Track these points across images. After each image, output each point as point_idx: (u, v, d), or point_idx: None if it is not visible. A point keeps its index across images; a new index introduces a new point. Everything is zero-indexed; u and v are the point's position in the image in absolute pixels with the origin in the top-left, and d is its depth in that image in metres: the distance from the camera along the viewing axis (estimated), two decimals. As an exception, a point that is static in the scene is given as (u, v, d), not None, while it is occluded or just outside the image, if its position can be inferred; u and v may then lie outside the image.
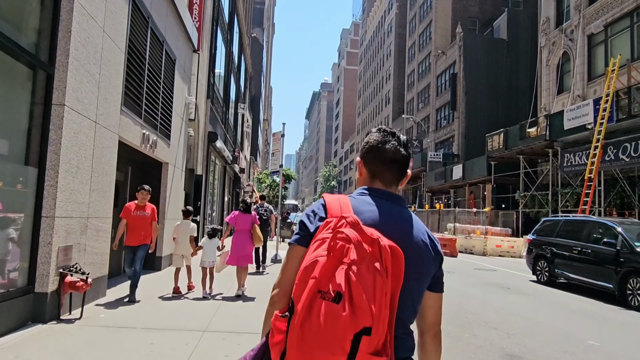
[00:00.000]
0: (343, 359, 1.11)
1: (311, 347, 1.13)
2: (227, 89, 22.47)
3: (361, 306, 1.12)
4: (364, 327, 1.11)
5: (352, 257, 1.17)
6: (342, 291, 1.13)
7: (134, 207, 6.97)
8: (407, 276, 1.28)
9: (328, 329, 1.11)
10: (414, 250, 1.37)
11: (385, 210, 1.40)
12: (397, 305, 1.24)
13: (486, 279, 12.40)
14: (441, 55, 45.24)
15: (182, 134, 11.82)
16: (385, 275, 1.18)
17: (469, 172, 30.69)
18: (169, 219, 10.63)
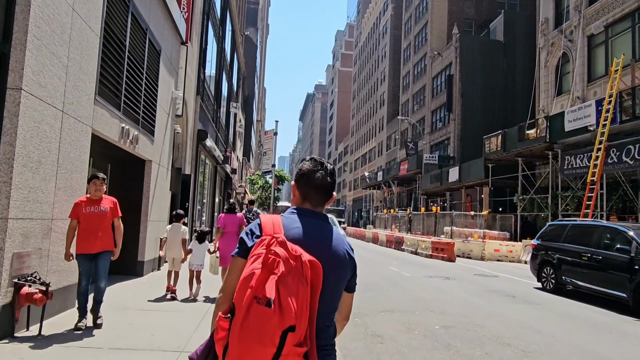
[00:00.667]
0: (273, 350, 1.44)
1: (248, 341, 1.45)
2: (218, 87, 21.76)
3: (287, 309, 1.45)
4: (290, 326, 1.45)
5: (281, 270, 1.49)
6: (273, 298, 1.44)
7: (86, 202, 5.31)
8: (328, 280, 1.63)
9: (262, 327, 1.44)
10: (332, 259, 1.70)
11: (309, 227, 1.72)
12: (319, 304, 1.59)
13: (489, 286, 11.78)
14: (437, 57, 44.78)
15: (168, 130, 11.11)
16: (306, 284, 1.52)
17: (465, 174, 30.15)
18: (152, 221, 9.91)
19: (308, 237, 1.69)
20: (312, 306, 1.55)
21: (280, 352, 1.45)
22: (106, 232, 5.38)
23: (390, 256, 20.62)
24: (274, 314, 1.43)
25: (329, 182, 1.84)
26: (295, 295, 1.48)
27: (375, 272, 14.01)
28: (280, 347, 1.44)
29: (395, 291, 10.24)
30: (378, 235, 30.79)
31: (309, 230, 1.72)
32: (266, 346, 1.44)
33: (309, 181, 1.82)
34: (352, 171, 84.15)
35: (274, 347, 1.44)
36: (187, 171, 14.91)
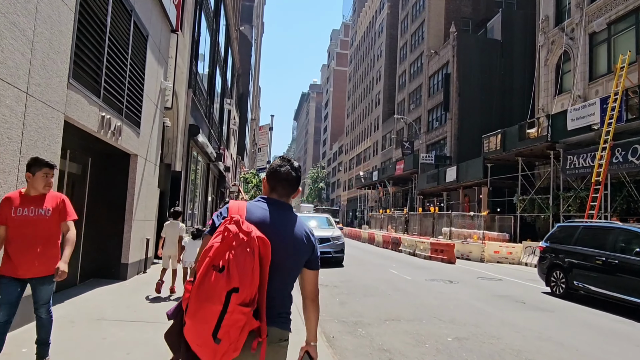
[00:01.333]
0: (219, 307, 1.74)
1: (202, 299, 1.76)
2: (211, 81, 21.03)
3: (233, 275, 1.76)
4: (234, 287, 1.75)
5: (234, 244, 1.82)
6: (224, 266, 1.78)
7: (20, 199, 3.67)
8: (285, 257, 2.00)
9: (211, 288, 1.76)
10: (291, 240, 2.05)
11: (273, 213, 2.06)
12: (278, 276, 1.97)
13: (495, 291, 11.17)
14: (434, 56, 44.26)
15: (157, 123, 10.39)
16: (253, 256, 1.82)
17: (463, 174, 29.60)
18: (137, 220, 9.19)
19: (270, 220, 2.01)
20: (263, 275, 1.85)
21: (226, 309, 1.74)
22: (49, 245, 3.75)
23: (388, 257, 19.99)
24: (222, 278, 1.75)
25: (294, 177, 2.16)
26: (242, 263, 1.78)
27: (374, 274, 13.36)
28: (226, 305, 1.74)
29: (398, 296, 9.59)
30: (374, 236, 30.16)
31: (271, 215, 2.04)
32: (214, 304, 1.74)
33: (277, 175, 2.15)
34: (347, 171, 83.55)
35: (220, 304, 1.74)
36: (178, 168, 14.18)
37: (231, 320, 1.75)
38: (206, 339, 1.76)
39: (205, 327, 1.76)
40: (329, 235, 15.18)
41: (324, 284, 10.79)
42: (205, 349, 1.78)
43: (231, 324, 1.76)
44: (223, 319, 1.75)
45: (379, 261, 17.99)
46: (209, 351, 1.77)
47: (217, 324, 1.75)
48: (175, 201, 13.52)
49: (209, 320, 1.75)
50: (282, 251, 1.97)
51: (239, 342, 1.81)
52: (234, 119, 37.34)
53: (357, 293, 9.75)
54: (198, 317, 1.77)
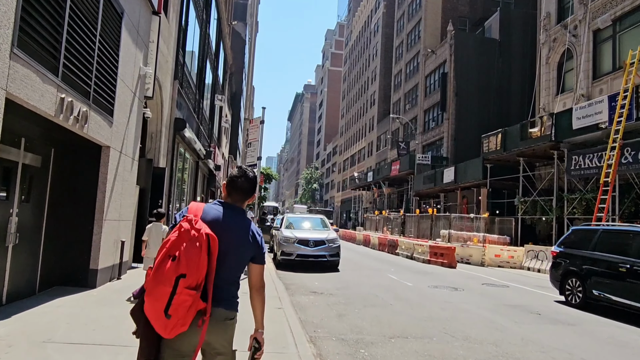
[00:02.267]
0: (170, 289, 2.09)
1: (157, 282, 2.11)
2: (201, 75, 20.01)
3: (182, 263, 2.11)
4: (181, 274, 2.10)
5: (186, 238, 2.18)
6: (176, 255, 2.13)
7: None
8: (231, 252, 2.34)
9: (165, 273, 2.11)
10: (239, 238, 2.39)
11: (225, 215, 2.40)
12: (226, 267, 2.32)
13: (504, 299, 10.26)
14: (431, 55, 43.50)
15: (135, 113, 9.38)
16: (201, 249, 2.16)
17: (461, 175, 28.77)
18: (110, 220, 8.17)
19: (222, 220, 2.37)
20: (210, 265, 2.21)
21: (175, 291, 2.10)
22: None
23: (385, 261, 19.06)
24: (173, 265, 2.12)
25: (247, 187, 2.53)
26: (190, 254, 2.15)
27: (372, 280, 12.41)
28: (175, 288, 2.10)
29: (401, 306, 8.64)
30: (370, 238, 29.21)
31: (224, 216, 2.40)
32: (166, 286, 2.10)
33: (233, 184, 2.52)
34: (341, 172, 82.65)
35: (170, 287, 2.10)
36: (162, 164, 13.16)
37: (179, 300, 2.10)
38: (159, 315, 2.12)
39: (158, 304, 2.11)
40: (324, 238, 14.22)
41: (319, 292, 9.83)
42: (159, 322, 2.14)
43: (179, 303, 2.10)
44: (172, 299, 2.10)
45: (376, 265, 17.05)
46: (161, 325, 2.13)
47: (168, 303, 2.10)
48: (158, 200, 12.49)
49: (161, 299, 2.11)
50: (229, 247, 2.33)
51: (186, 319, 2.15)
52: (226, 116, 36.24)
53: (355, 303, 8.79)
54: (153, 296, 2.13)
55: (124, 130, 8.68)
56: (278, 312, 6.88)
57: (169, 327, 2.12)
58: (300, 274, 12.79)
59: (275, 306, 7.28)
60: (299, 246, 13.95)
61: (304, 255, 13.87)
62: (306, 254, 13.86)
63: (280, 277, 11.70)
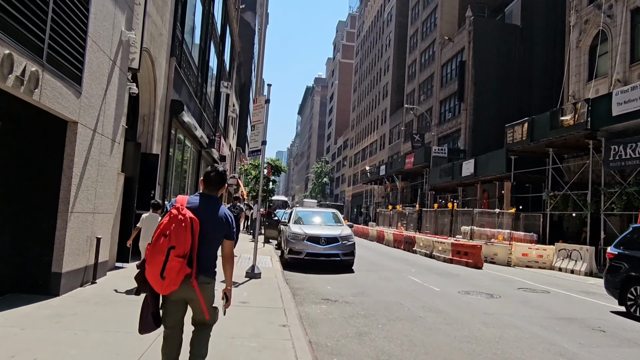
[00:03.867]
0: (163, 257, 2.95)
1: (154, 253, 3.00)
2: (204, 57, 18.50)
3: (172, 238, 2.98)
4: (172, 246, 2.97)
5: (175, 220, 3.04)
6: (168, 233, 3.00)
7: None
8: (209, 231, 3.18)
9: (160, 246, 2.98)
10: (214, 220, 3.26)
11: (203, 202, 3.28)
12: (206, 243, 3.17)
13: (553, 310, 8.64)
14: (447, 43, 41.57)
15: (115, 85, 7.88)
16: (186, 229, 3.03)
17: (482, 168, 26.98)
18: (78, 213, 6.70)
19: (201, 207, 3.24)
20: (193, 240, 3.08)
21: (167, 259, 2.97)
22: None
23: (402, 260, 17.47)
24: (166, 240, 3.00)
25: (218, 180, 3.42)
26: (178, 232, 3.02)
27: (393, 283, 10.85)
28: (167, 256, 2.97)
29: (433, 320, 7.08)
30: (384, 234, 27.63)
31: (201, 204, 3.27)
32: (160, 255, 2.98)
33: (208, 179, 3.41)
34: (352, 165, 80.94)
35: (163, 256, 2.98)
36: (155, 150, 11.70)
37: (170, 266, 2.99)
38: (156, 277, 3.02)
39: (155, 269, 3.01)
40: (337, 235, 12.67)
41: (332, 299, 8.30)
42: (156, 282, 3.04)
43: (170, 267, 2.99)
44: (166, 265, 2.98)
45: (394, 265, 15.48)
46: (158, 284, 3.04)
47: (162, 268, 2.98)
48: (151, 191, 11.03)
49: (157, 265, 2.99)
50: (207, 227, 3.20)
51: (177, 280, 3.04)
52: (233, 106, 34.85)
53: (377, 315, 7.24)
54: (151, 263, 3.03)
55: (99, 105, 7.18)
56: (282, 332, 5.37)
57: (164, 286, 3.03)
58: (310, 276, 11.29)
59: (280, 323, 5.76)
60: (308, 244, 12.42)
61: (315, 254, 12.34)
62: (317, 252, 12.32)
63: (287, 280, 10.19)
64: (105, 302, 6.11)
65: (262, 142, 10.07)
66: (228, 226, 3.32)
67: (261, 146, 10.10)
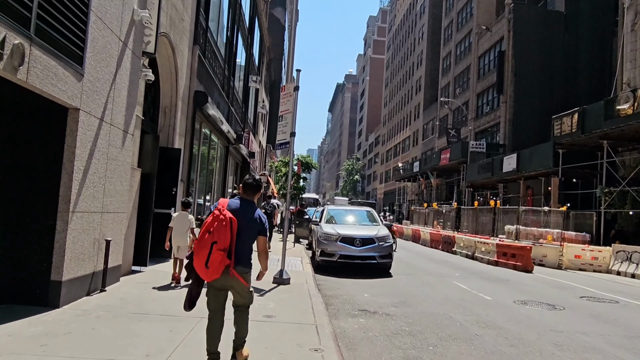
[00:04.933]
0: (207, 251, 3.66)
1: (200, 247, 3.71)
2: (231, 49, 17.72)
3: (215, 235, 3.69)
4: (214, 241, 3.68)
5: (217, 220, 3.74)
6: (211, 230, 3.71)
7: None
8: (246, 229, 3.90)
9: (205, 241, 3.70)
10: (250, 219, 3.94)
11: (241, 205, 3.97)
12: (242, 238, 3.87)
13: (631, 326, 7.31)
14: (485, 33, 39.63)
15: (127, 70, 7.07)
16: (227, 227, 3.72)
17: (525, 162, 25.26)
18: (82, 212, 5.89)
19: (239, 209, 3.92)
20: (232, 237, 3.72)
21: (210, 252, 3.60)
22: None
23: (443, 262, 16.21)
24: (209, 236, 3.63)
25: (254, 185, 4.15)
26: (220, 229, 3.66)
27: (437, 291, 9.70)
28: (210, 250, 3.62)
29: (493, 340, 5.94)
30: (420, 233, 26.32)
31: (240, 206, 3.95)
32: (205, 248, 3.62)
33: (246, 185, 4.13)
34: (384, 162, 79.34)
35: (207, 249, 3.62)
36: (178, 145, 10.93)
37: (213, 257, 3.63)
38: (202, 266, 3.67)
39: (201, 260, 3.65)
40: (373, 235, 11.58)
41: (370, 310, 7.26)
42: (202, 271, 3.70)
43: (213, 259, 3.63)
44: (210, 257, 3.62)
45: (435, 267, 14.27)
46: (203, 273, 3.70)
47: (207, 259, 3.62)
48: (172, 188, 10.27)
49: (203, 257, 3.65)
50: (244, 225, 3.86)
51: (219, 269, 3.69)
52: (263, 102, 34.14)
53: (426, 332, 6.15)
54: (198, 255, 3.68)
55: (106, 91, 6.37)
56: (314, 357, 4.37)
57: (208, 274, 3.69)
58: (344, 280, 10.27)
59: (311, 345, 4.76)
60: (342, 245, 11.39)
61: (349, 257, 11.30)
62: (351, 254, 11.28)
63: (319, 285, 9.21)
64: (109, 317, 5.27)
65: (290, 134, 9.10)
66: (261, 225, 4.03)
67: (290, 138, 9.13)
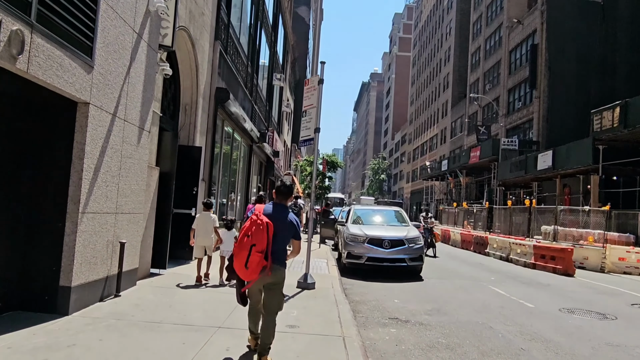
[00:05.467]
0: (247, 252, 3.93)
1: (240, 249, 3.98)
2: (254, 45, 17.36)
3: (253, 238, 3.95)
4: (253, 244, 3.94)
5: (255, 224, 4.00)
6: (250, 234, 3.98)
7: None
8: (281, 231, 4.14)
9: (244, 244, 3.97)
10: (284, 223, 4.18)
11: (276, 209, 4.23)
12: (277, 241, 4.09)
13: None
14: (516, 26, 38.26)
15: (142, 63, 6.71)
16: (264, 230, 3.97)
17: (562, 160, 24.07)
18: (93, 213, 5.54)
19: (274, 213, 4.16)
20: (269, 240, 3.95)
21: (250, 253, 3.85)
22: None
23: (476, 264, 15.44)
24: (248, 239, 3.89)
25: (286, 191, 4.37)
26: (258, 233, 3.90)
27: (473, 296, 9.03)
28: (250, 252, 3.87)
29: (542, 356, 5.28)
30: (450, 234, 25.47)
31: (274, 211, 4.20)
32: (245, 250, 3.89)
33: (278, 190, 4.35)
34: (410, 161, 78.08)
35: (247, 251, 3.88)
36: (199, 143, 10.60)
37: (252, 259, 3.91)
38: (242, 267, 3.96)
39: (241, 261, 3.95)
40: (403, 236, 10.98)
41: (402, 319, 6.69)
42: (241, 271, 4.01)
43: (252, 260, 3.91)
44: (249, 258, 3.90)
45: (468, 270, 13.54)
46: (243, 272, 4.00)
47: (246, 260, 3.91)
48: (193, 188, 9.93)
49: (242, 258, 3.94)
50: (278, 228, 4.11)
51: (257, 269, 3.96)
52: (287, 100, 33.80)
53: (464, 345, 5.55)
54: (238, 257, 3.99)
55: (119, 85, 6.01)
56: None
57: (247, 274, 3.99)
58: (372, 284, 9.71)
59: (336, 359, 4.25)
60: (370, 247, 10.83)
61: (377, 259, 10.73)
62: (380, 257, 10.70)
63: (345, 290, 8.68)
64: (119, 326, 4.88)
65: (315, 130, 8.60)
66: (294, 228, 4.30)
67: (314, 134, 8.63)
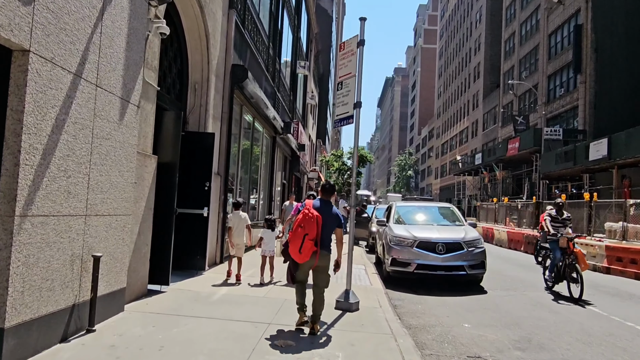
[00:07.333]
0: (300, 241, 5.06)
1: (295, 237, 5.13)
2: (276, 25, 15.53)
3: (306, 228, 5.09)
4: (306, 233, 5.09)
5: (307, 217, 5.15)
6: (303, 225, 5.13)
7: None
8: (327, 223, 5.24)
9: (298, 233, 5.11)
10: (330, 216, 5.33)
11: (322, 205, 5.42)
12: (324, 231, 5.20)
13: None
14: (556, 7, 35.41)
15: (124, 9, 4.92)
16: (314, 222, 5.12)
17: (620, 148, 21.48)
18: (39, 217, 3.75)
19: (321, 208, 5.30)
20: (318, 230, 5.07)
21: (303, 241, 5.01)
22: None
23: (535, 268, 13.24)
24: (301, 230, 5.04)
25: (328, 189, 5.65)
26: (309, 225, 5.05)
27: (562, 317, 6.94)
28: (303, 240, 5.02)
29: None
30: (493, 232, 23.18)
31: (321, 205, 5.35)
32: (299, 239, 5.04)
33: (323, 189, 5.67)
34: (439, 156, 75.24)
35: (301, 239, 5.03)
36: (211, 129, 8.82)
37: (305, 246, 4.96)
38: (296, 252, 5.01)
39: (296, 248, 5.00)
40: (460, 239, 8.97)
41: (484, 357, 4.72)
42: (296, 255, 5.05)
43: (305, 247, 4.96)
44: (302, 245, 4.95)
45: (531, 277, 11.39)
46: (297, 256, 5.04)
47: (300, 246, 4.95)
48: (205, 183, 8.16)
49: (297, 245, 4.98)
50: (325, 220, 5.14)
51: (308, 254, 4.99)
52: (312, 92, 31.92)
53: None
54: (293, 243, 5.04)
55: (86, 32, 4.23)
56: None
57: (301, 257, 5.01)
58: (426, 299, 7.76)
59: None
60: (419, 252, 8.85)
61: (429, 267, 8.73)
62: (433, 264, 8.71)
63: (396, 308, 6.76)
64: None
65: (354, 105, 6.66)
66: (338, 220, 5.36)
67: (354, 110, 6.70)
